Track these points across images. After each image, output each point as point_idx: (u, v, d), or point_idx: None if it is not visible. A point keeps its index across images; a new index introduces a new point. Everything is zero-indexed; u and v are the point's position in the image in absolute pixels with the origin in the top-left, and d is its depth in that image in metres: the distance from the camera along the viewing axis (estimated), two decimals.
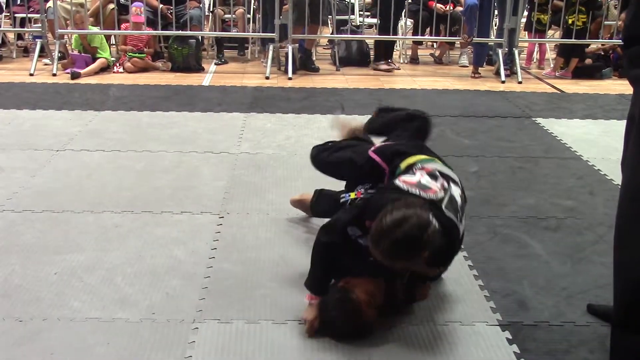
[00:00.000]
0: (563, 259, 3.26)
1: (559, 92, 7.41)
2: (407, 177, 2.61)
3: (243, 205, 3.82)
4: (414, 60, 9.05)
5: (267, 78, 7.54)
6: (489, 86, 7.53)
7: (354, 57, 8.57)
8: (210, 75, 7.73)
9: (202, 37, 8.46)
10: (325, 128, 5.45)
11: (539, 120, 5.94)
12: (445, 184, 2.58)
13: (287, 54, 7.75)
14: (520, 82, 7.76)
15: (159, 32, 8.07)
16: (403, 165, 2.72)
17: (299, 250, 3.29)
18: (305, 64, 8.06)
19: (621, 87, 7.71)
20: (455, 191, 2.60)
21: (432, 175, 2.60)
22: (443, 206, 2.47)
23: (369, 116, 3.46)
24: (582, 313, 2.78)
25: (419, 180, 2.56)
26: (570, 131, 5.60)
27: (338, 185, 3.34)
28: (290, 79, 7.53)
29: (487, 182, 4.34)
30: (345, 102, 6.45)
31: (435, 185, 2.55)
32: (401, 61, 8.99)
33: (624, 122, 2.70)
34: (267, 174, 4.36)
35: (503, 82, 7.73)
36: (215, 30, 8.58)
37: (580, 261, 3.26)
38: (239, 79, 7.54)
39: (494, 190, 4.18)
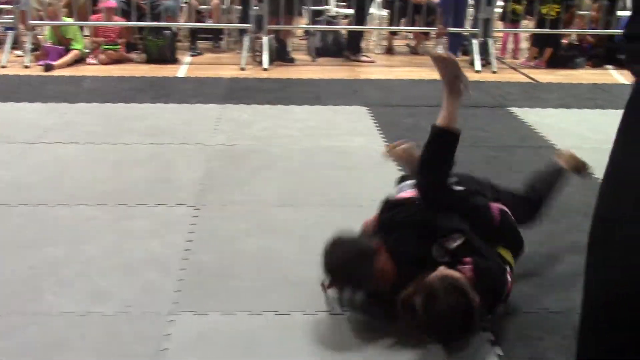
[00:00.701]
0: (537, 247, 3.29)
1: (533, 81, 7.46)
2: None
3: (219, 197, 3.82)
4: (390, 50, 9.06)
5: (243, 69, 7.51)
6: None
7: (330, 47, 8.56)
8: (186, 67, 7.68)
9: (177, 28, 8.41)
10: (301, 119, 5.46)
11: (514, 109, 5.98)
12: None
13: (262, 44, 7.72)
14: (494, 72, 7.80)
15: (133, 23, 8.01)
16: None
17: (276, 241, 3.29)
18: (280, 55, 8.04)
19: (594, 76, 7.79)
20: None
21: None
22: None
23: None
24: (556, 299, 2.81)
25: None
26: (544, 120, 5.64)
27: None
28: (265, 69, 7.51)
29: (461, 171, 4.35)
30: (322, 92, 6.45)
31: None
32: (377, 52, 8.99)
33: (596, 112, 2.74)
34: (243, 165, 4.35)
35: (478, 72, 7.77)
36: (190, 22, 8.53)
37: (554, 249, 3.29)
38: (215, 70, 7.50)
39: (467, 180, 4.19)
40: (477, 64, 7.86)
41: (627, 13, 8.55)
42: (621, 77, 7.81)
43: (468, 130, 5.27)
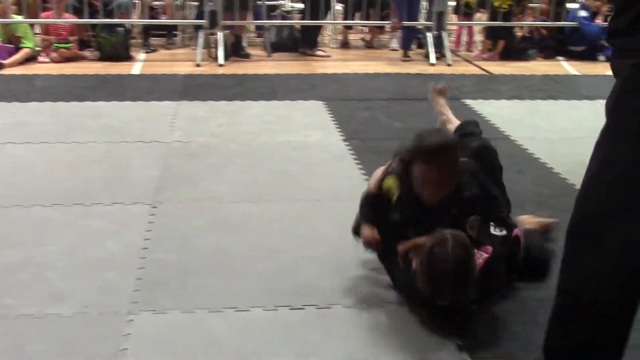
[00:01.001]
0: None
1: (487, 73, 7.55)
2: None
3: (176, 195, 3.79)
4: (345, 44, 9.08)
5: (198, 65, 7.46)
6: (419, 69, 7.62)
7: (285, 42, 8.55)
8: (140, 64, 7.60)
9: (130, 25, 8.31)
10: (258, 115, 5.45)
11: (468, 101, 6.05)
12: None
13: (217, 40, 7.68)
14: (449, 65, 7.88)
15: (86, 20, 7.89)
16: None
17: (234, 237, 3.29)
18: (236, 51, 8.01)
19: (546, 67, 7.91)
20: None
21: None
22: None
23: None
24: (510, 289, 2.84)
25: None
26: (498, 112, 5.72)
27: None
28: (221, 65, 7.47)
29: None
30: (278, 87, 6.44)
31: None
32: (332, 46, 9.01)
33: (548, 102, 2.79)
34: (200, 162, 4.33)
35: (433, 64, 7.84)
36: (143, 18, 8.44)
37: None
38: (169, 67, 7.44)
39: None
40: (432, 57, 7.92)
41: (576, 5, 8.72)
42: (571, 68, 7.95)
43: (424, 123, 5.32)
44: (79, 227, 3.36)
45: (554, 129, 5.25)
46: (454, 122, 3.36)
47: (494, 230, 2.64)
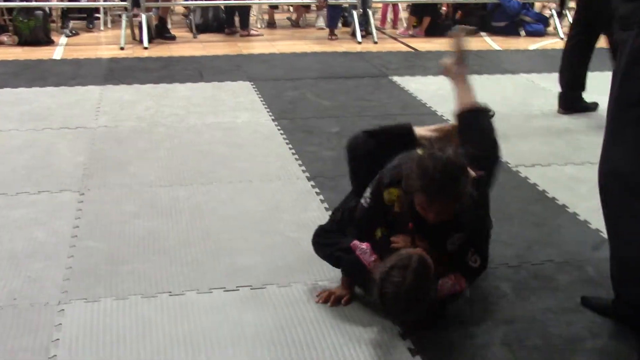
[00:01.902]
0: None
1: (413, 50, 7.63)
2: None
3: (104, 181, 3.73)
4: (272, 24, 9.04)
5: (122, 49, 7.32)
6: (346, 47, 7.65)
7: (211, 23, 8.46)
8: (61, 48, 7.41)
9: (49, 8, 8.08)
10: (185, 97, 5.39)
11: (395, 78, 6.11)
12: None
13: (141, 22, 7.54)
14: (376, 43, 7.93)
15: (1, 4, 7.63)
16: None
17: (165, 222, 3.26)
18: (160, 33, 7.87)
19: (469, 44, 8.02)
20: None
21: None
22: None
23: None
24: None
25: None
26: (424, 88, 5.80)
27: None
28: (146, 48, 7.35)
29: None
30: (205, 69, 6.37)
31: None
32: (259, 26, 8.95)
33: (472, 77, 2.82)
34: (128, 146, 4.26)
35: (359, 43, 7.88)
36: (63, 1, 8.20)
37: None
38: (93, 51, 7.28)
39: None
40: (358, 35, 7.96)
41: None
42: (494, 43, 8.10)
43: (352, 101, 5.38)
44: (4, 218, 3.27)
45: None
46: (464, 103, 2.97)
47: (471, 260, 2.49)
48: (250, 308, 2.57)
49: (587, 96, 5.09)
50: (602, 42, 4.91)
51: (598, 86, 4.89)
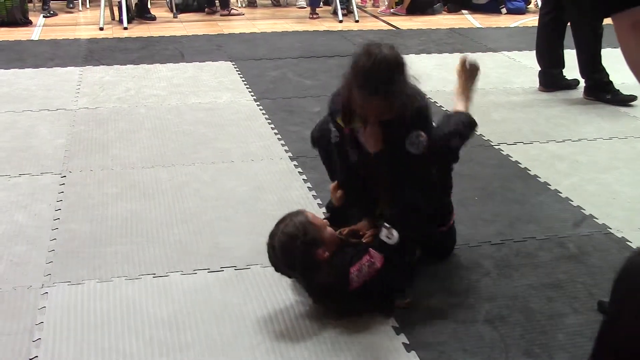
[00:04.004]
0: None
1: (394, 28, 7.61)
2: None
3: (85, 162, 3.71)
4: (252, 3, 8.98)
5: (101, 29, 7.24)
6: (327, 26, 7.62)
7: (191, 3, 8.39)
8: (40, 29, 7.32)
9: None
10: (166, 78, 5.35)
11: None
12: None
13: (120, 2, 7.46)
14: (357, 21, 7.90)
15: None
16: None
17: (147, 203, 3.25)
18: (140, 13, 7.80)
19: (451, 21, 8.03)
20: None
21: None
22: None
23: None
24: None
25: None
26: None
27: None
28: (125, 28, 7.27)
29: None
30: (185, 49, 6.33)
31: None
32: (239, 5, 8.89)
33: (454, 55, 2.84)
34: (109, 128, 4.23)
35: (340, 21, 7.85)
36: None
37: None
38: (71, 31, 7.20)
39: None
40: (339, 14, 7.93)
41: None
42: (475, 21, 8.10)
43: (334, 80, 5.34)
44: None
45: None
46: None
47: (387, 236, 2.43)
48: (235, 289, 2.58)
49: (568, 73, 5.11)
50: None
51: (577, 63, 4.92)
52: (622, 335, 1.50)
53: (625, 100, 4.75)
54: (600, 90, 4.84)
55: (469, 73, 2.95)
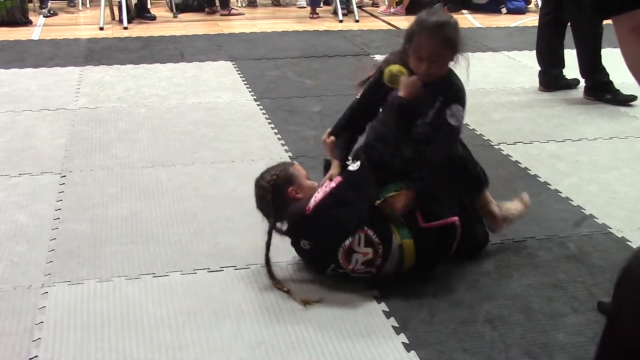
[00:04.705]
0: None
1: (394, 28, 7.61)
2: None
3: (86, 162, 3.71)
4: (252, 3, 8.98)
5: (102, 29, 7.24)
6: (327, 26, 7.62)
7: (191, 3, 8.39)
8: (40, 29, 7.32)
9: None
10: (166, 78, 5.35)
11: (377, 57, 6.09)
12: None
13: (120, 2, 7.46)
14: (357, 21, 7.90)
15: None
16: None
17: (147, 203, 3.25)
18: (140, 13, 7.80)
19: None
20: None
21: None
22: None
23: None
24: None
25: None
26: None
27: None
28: (125, 28, 7.28)
29: (330, 120, 4.38)
30: (185, 49, 6.33)
31: None
32: (239, 5, 8.89)
33: None
34: (109, 128, 4.23)
35: (341, 21, 7.85)
36: None
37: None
38: (71, 31, 7.20)
39: None
40: (339, 14, 7.93)
41: None
42: (475, 20, 8.10)
43: (334, 80, 5.37)
44: None
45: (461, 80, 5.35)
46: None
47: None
48: (235, 288, 2.58)
49: (568, 73, 5.11)
50: None
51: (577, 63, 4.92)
52: (623, 336, 1.50)
53: (625, 100, 4.75)
54: (601, 90, 4.84)
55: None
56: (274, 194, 2.60)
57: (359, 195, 2.57)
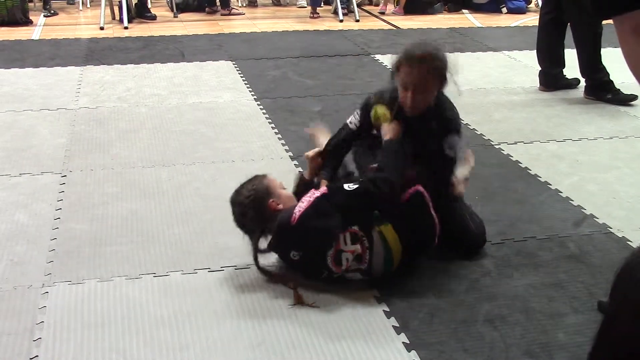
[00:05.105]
0: None
1: (394, 28, 7.61)
2: None
3: (86, 162, 3.71)
4: (253, 3, 8.98)
5: (102, 28, 7.24)
6: (327, 26, 7.62)
7: (191, 2, 8.39)
8: (40, 29, 7.32)
9: None
10: (167, 77, 5.35)
11: (377, 56, 6.10)
12: None
13: (120, 2, 7.46)
14: (357, 21, 7.90)
15: None
16: None
17: (147, 202, 3.25)
18: (140, 12, 7.80)
19: (451, 21, 8.03)
20: None
21: None
22: None
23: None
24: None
25: None
26: None
27: None
28: (126, 28, 7.28)
29: (331, 120, 4.41)
30: (186, 49, 6.33)
31: None
32: (240, 4, 8.89)
33: (455, 55, 2.83)
34: (109, 127, 4.23)
35: (341, 21, 7.85)
36: None
37: None
38: (72, 30, 7.20)
39: (338, 127, 4.26)
40: (340, 13, 7.93)
41: None
42: (476, 20, 8.10)
43: (335, 79, 5.37)
44: None
45: (462, 80, 5.33)
46: None
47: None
48: (235, 288, 2.58)
49: (568, 72, 5.10)
50: None
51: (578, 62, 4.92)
52: (620, 335, 1.50)
53: (625, 100, 4.75)
54: (601, 89, 4.84)
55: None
56: (255, 209, 2.59)
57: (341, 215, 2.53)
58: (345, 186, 2.56)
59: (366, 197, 2.54)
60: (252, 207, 2.60)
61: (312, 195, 2.57)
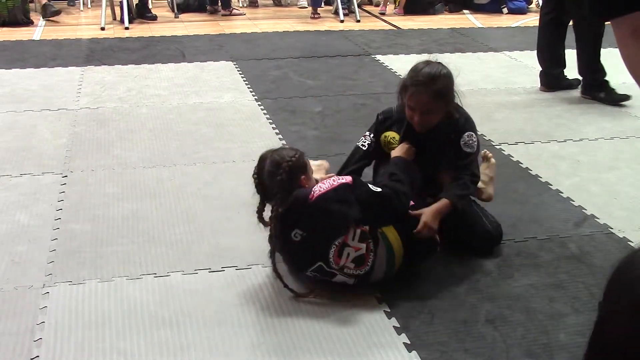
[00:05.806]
0: None
1: (395, 28, 7.61)
2: None
3: (87, 162, 3.71)
4: (253, 3, 8.98)
5: (103, 29, 7.24)
6: (328, 26, 7.62)
7: (192, 2, 8.39)
8: (41, 29, 7.32)
9: None
10: (167, 78, 5.35)
11: (378, 57, 6.10)
12: None
13: (121, 2, 7.46)
14: (358, 21, 7.90)
15: None
16: None
17: (148, 203, 3.25)
18: (141, 13, 7.80)
19: (452, 21, 8.03)
20: None
21: None
22: None
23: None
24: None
25: None
26: (407, 66, 5.61)
27: None
28: (127, 28, 7.27)
29: (331, 120, 4.43)
30: (187, 49, 6.33)
31: None
32: (241, 5, 8.89)
33: (456, 55, 2.85)
34: (110, 128, 4.23)
35: (342, 21, 7.84)
36: None
37: None
38: (73, 31, 7.20)
39: (339, 128, 4.27)
40: (341, 14, 7.92)
41: None
42: (477, 21, 8.10)
43: (335, 80, 5.37)
44: None
45: (463, 81, 5.25)
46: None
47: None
48: (236, 289, 2.58)
49: (569, 73, 5.10)
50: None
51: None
52: (614, 336, 1.49)
53: (619, 99, 4.74)
54: (596, 88, 4.84)
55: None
56: (288, 175, 2.48)
57: (363, 197, 2.53)
58: (370, 185, 2.57)
59: (386, 203, 2.53)
60: (286, 172, 2.48)
61: (336, 180, 2.53)
